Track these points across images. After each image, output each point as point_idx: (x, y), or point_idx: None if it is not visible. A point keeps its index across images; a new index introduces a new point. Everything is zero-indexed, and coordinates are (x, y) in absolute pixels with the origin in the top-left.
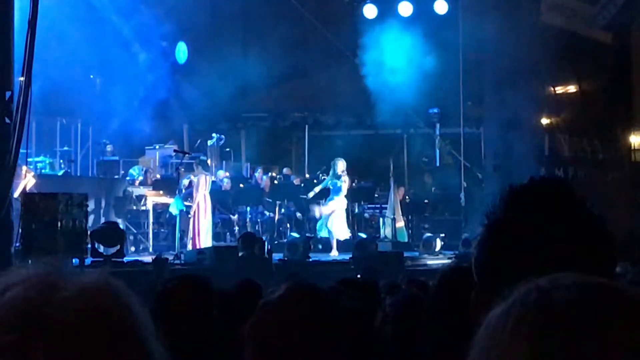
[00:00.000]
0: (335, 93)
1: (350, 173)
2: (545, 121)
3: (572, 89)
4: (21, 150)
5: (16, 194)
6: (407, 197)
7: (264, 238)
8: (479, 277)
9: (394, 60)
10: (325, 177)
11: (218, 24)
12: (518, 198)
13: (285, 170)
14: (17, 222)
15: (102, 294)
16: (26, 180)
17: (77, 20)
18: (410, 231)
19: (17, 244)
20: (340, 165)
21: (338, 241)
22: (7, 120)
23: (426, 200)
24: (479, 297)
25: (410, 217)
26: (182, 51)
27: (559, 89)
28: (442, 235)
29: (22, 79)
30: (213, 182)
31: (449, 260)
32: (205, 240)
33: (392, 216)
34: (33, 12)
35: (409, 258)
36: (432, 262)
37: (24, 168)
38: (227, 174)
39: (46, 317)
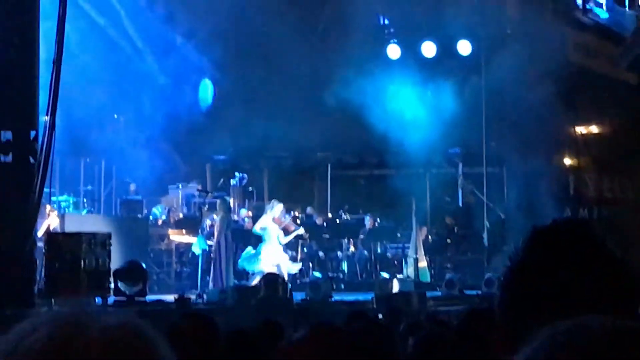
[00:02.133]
0: (358, 132)
1: (372, 212)
2: (569, 161)
3: (596, 128)
4: (45, 189)
5: (40, 233)
6: (429, 237)
7: (285, 278)
8: (501, 319)
9: (417, 100)
10: (347, 216)
11: (241, 62)
12: (541, 239)
13: (308, 210)
14: (40, 261)
15: (128, 334)
16: (50, 220)
17: (102, 60)
18: (432, 271)
19: (41, 283)
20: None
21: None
22: (32, 160)
23: (448, 240)
24: (502, 339)
25: (432, 257)
26: (206, 89)
27: (584, 129)
28: (465, 275)
29: (46, 118)
30: (235, 221)
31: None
32: (227, 279)
33: (415, 256)
34: (58, 52)
35: (432, 298)
36: (455, 302)
37: (48, 207)
38: (250, 213)
39: (73, 357)
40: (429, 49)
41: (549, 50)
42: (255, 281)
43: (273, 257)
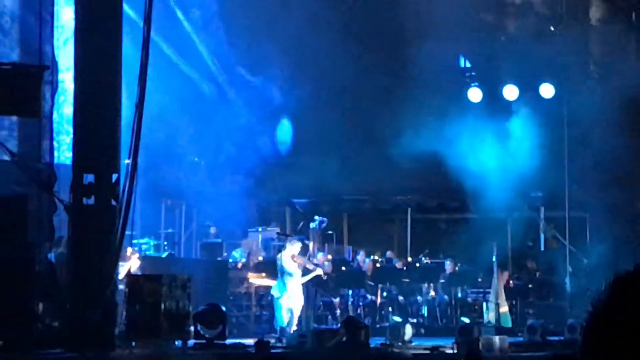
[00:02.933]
0: (438, 175)
1: (453, 256)
2: None
3: None
4: (127, 232)
5: (121, 276)
6: (511, 282)
7: (366, 322)
8: None
9: (498, 143)
10: (427, 260)
11: (320, 104)
12: (623, 285)
13: (388, 254)
14: (121, 304)
15: None
16: (131, 262)
17: (183, 103)
18: (514, 316)
19: (121, 325)
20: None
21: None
22: (114, 202)
23: (530, 285)
24: None
25: (514, 302)
26: (285, 130)
27: None
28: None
29: (128, 161)
30: (315, 264)
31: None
32: (307, 323)
33: (496, 301)
34: (140, 96)
35: (513, 344)
36: (537, 348)
37: (129, 250)
38: (329, 257)
39: None
40: (510, 91)
41: (633, 91)
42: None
43: (296, 293)
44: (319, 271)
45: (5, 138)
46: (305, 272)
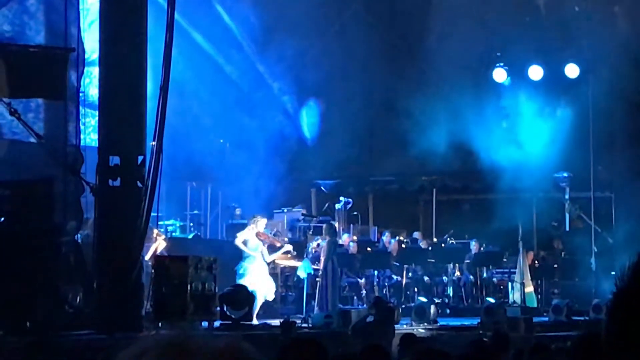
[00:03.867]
0: (463, 157)
1: (478, 236)
2: None
3: None
4: (152, 214)
5: (147, 257)
6: (536, 262)
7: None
8: (608, 345)
9: (523, 124)
10: (452, 241)
11: (346, 87)
12: None
13: (415, 234)
14: (147, 285)
15: (234, 357)
16: (157, 243)
17: (208, 85)
18: (539, 296)
19: (148, 307)
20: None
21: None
22: (139, 184)
23: (555, 265)
24: None
25: (539, 282)
26: (311, 112)
27: None
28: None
29: (153, 143)
30: (340, 245)
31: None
32: (333, 304)
33: (521, 281)
34: (165, 78)
35: (538, 323)
36: (562, 328)
37: (155, 231)
38: (355, 237)
39: None
40: (535, 72)
41: None
42: None
43: (256, 276)
44: (287, 247)
45: (32, 120)
46: (273, 249)
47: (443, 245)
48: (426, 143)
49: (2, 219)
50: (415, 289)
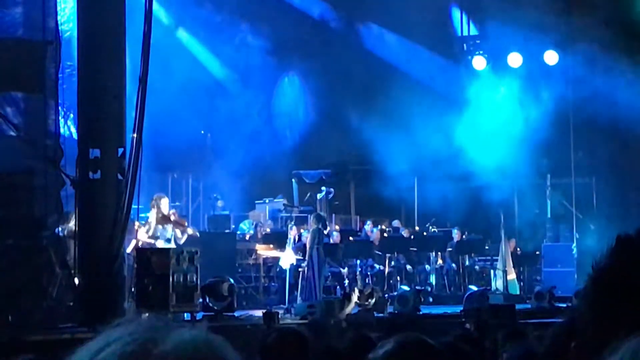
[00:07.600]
0: (445, 145)
1: (460, 224)
2: None
3: None
4: (133, 206)
5: (129, 250)
6: (518, 249)
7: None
8: (579, 329)
9: (503, 111)
10: (434, 229)
11: (326, 75)
12: (624, 248)
13: (394, 223)
14: (129, 277)
15: (200, 349)
16: (138, 236)
17: (189, 76)
18: (521, 283)
19: (130, 299)
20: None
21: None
22: (120, 177)
23: (537, 252)
24: (580, 349)
25: (521, 269)
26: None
27: None
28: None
29: (134, 135)
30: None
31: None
32: (319, 294)
33: (503, 268)
34: (144, 70)
35: (521, 310)
36: (545, 314)
37: (137, 224)
38: (337, 227)
39: None
40: (515, 59)
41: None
42: None
43: None
44: (192, 230)
45: (12, 114)
46: (183, 231)
47: (425, 233)
48: (406, 131)
49: None
50: (398, 278)
